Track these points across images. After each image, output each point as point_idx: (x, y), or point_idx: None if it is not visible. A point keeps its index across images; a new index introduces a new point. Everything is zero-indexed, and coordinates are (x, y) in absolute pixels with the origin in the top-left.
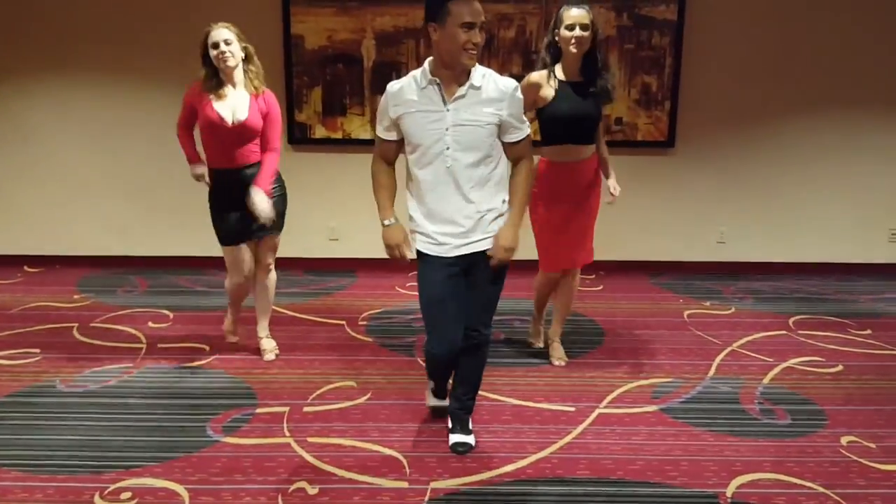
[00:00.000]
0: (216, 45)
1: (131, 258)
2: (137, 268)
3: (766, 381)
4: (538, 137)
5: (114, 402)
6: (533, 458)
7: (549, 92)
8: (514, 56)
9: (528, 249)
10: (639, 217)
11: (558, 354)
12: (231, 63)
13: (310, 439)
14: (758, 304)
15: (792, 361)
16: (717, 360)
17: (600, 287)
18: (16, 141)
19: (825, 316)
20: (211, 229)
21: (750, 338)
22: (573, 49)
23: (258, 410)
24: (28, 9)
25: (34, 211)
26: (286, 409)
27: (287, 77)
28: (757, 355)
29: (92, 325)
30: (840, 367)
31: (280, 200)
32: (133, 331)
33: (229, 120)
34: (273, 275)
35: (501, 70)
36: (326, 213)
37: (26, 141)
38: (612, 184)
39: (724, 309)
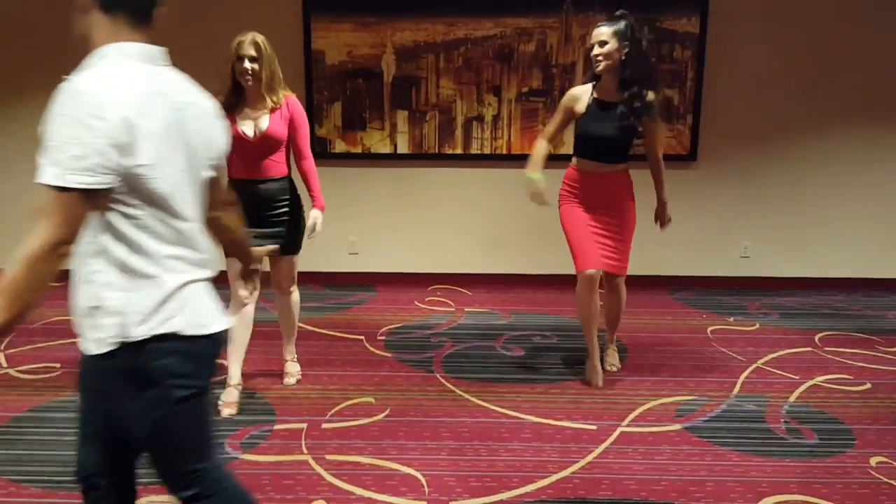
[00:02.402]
0: (242, 59)
1: None
2: None
3: (792, 399)
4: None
5: None
6: (554, 477)
7: (581, 107)
8: (533, 70)
9: (549, 265)
10: (660, 231)
11: (611, 360)
12: (250, 83)
13: (328, 457)
14: (783, 319)
15: (818, 379)
16: (742, 377)
17: None
18: (32, 152)
19: (852, 332)
20: None
21: (775, 354)
22: (597, 68)
23: (276, 427)
24: (47, 26)
25: None
26: (304, 425)
27: (308, 92)
28: (782, 372)
29: None
30: (868, 385)
31: (293, 220)
32: None
33: (251, 133)
34: (295, 296)
35: (520, 84)
36: (346, 227)
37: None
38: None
39: (749, 325)
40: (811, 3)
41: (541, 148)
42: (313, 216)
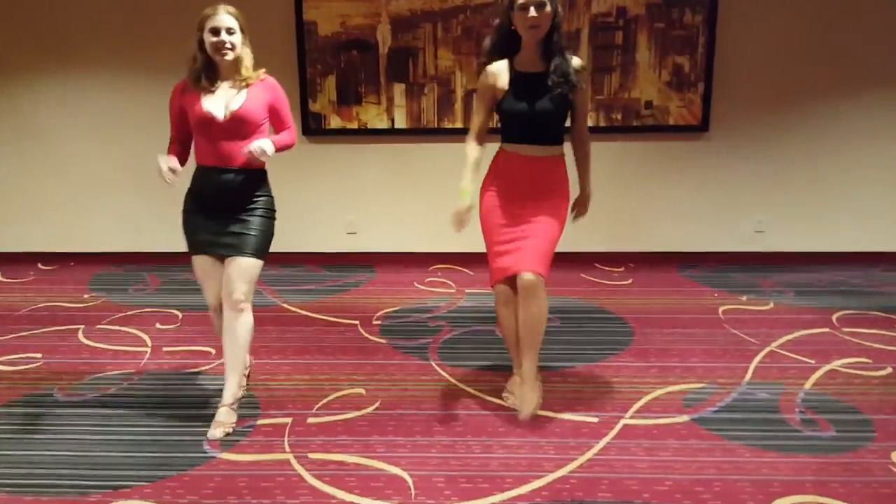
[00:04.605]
0: (216, 32)
1: (145, 254)
2: (151, 264)
3: (807, 386)
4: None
5: (111, 413)
6: (550, 477)
7: (503, 84)
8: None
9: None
10: (670, 205)
11: (521, 395)
12: (229, 56)
13: (311, 455)
14: (798, 298)
15: (836, 363)
16: (755, 362)
17: (629, 281)
18: (27, 138)
19: (871, 311)
20: None
21: (790, 336)
22: (527, 34)
23: (259, 422)
24: (36, 5)
25: (47, 208)
26: (289, 420)
27: (300, 65)
28: (797, 356)
29: (98, 326)
30: (889, 370)
31: (259, 220)
32: (139, 333)
33: (221, 115)
34: (246, 317)
35: None
36: (343, 205)
37: (37, 138)
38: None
39: (762, 304)
40: None
41: (472, 152)
42: (259, 141)
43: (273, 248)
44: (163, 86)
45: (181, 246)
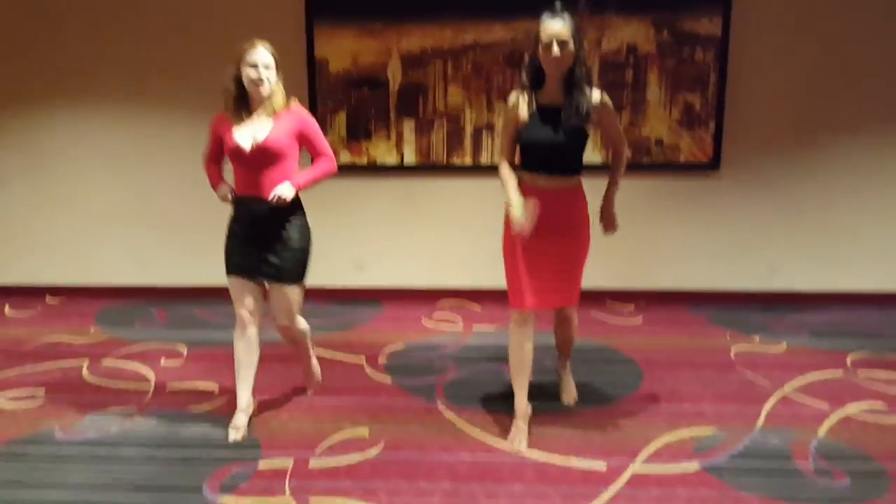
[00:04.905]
0: (255, 66)
1: (153, 288)
2: (158, 298)
3: (821, 433)
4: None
5: (111, 455)
6: None
7: (523, 114)
8: None
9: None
10: (680, 243)
11: (568, 391)
12: (265, 91)
13: (312, 499)
14: (812, 339)
15: (850, 409)
16: (767, 406)
17: (639, 319)
18: (37, 170)
19: (887, 354)
20: None
21: (803, 379)
22: (550, 68)
23: (260, 464)
24: (49, 37)
25: (56, 240)
26: (290, 461)
27: (311, 102)
28: (811, 401)
29: (103, 362)
30: None
31: (301, 246)
32: (144, 369)
33: (247, 146)
34: (302, 325)
35: None
36: (351, 240)
37: (47, 170)
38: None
39: (775, 345)
40: (841, 2)
41: (508, 170)
42: (277, 189)
43: None
44: (174, 119)
45: (189, 279)
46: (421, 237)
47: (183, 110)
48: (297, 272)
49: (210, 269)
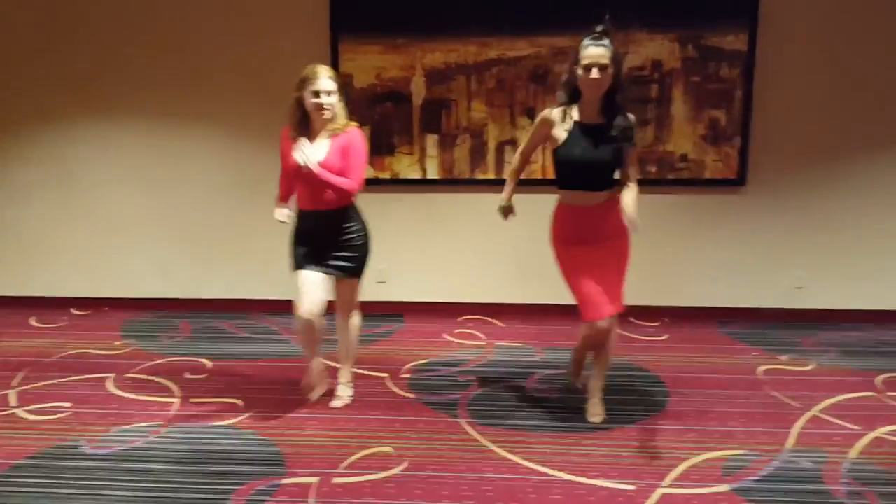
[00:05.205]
0: (317, 94)
1: (178, 301)
2: (183, 311)
3: (852, 455)
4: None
5: (136, 468)
6: None
7: (560, 133)
8: None
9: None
10: (706, 259)
11: (594, 410)
12: (328, 116)
13: None
14: (841, 358)
15: (882, 430)
16: (797, 427)
17: (665, 336)
18: (62, 182)
19: None
20: (260, 273)
21: (833, 400)
22: (588, 91)
23: (285, 481)
24: (72, 49)
25: (81, 253)
26: (315, 479)
27: None
28: (841, 422)
29: (128, 375)
30: None
31: (361, 244)
32: (169, 383)
33: (306, 165)
34: (356, 320)
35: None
36: (374, 255)
37: (73, 184)
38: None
39: (803, 364)
40: (868, 17)
41: (512, 165)
42: (310, 158)
43: None
44: (201, 134)
45: (214, 292)
46: (443, 252)
47: (208, 124)
48: (362, 266)
49: (235, 283)
